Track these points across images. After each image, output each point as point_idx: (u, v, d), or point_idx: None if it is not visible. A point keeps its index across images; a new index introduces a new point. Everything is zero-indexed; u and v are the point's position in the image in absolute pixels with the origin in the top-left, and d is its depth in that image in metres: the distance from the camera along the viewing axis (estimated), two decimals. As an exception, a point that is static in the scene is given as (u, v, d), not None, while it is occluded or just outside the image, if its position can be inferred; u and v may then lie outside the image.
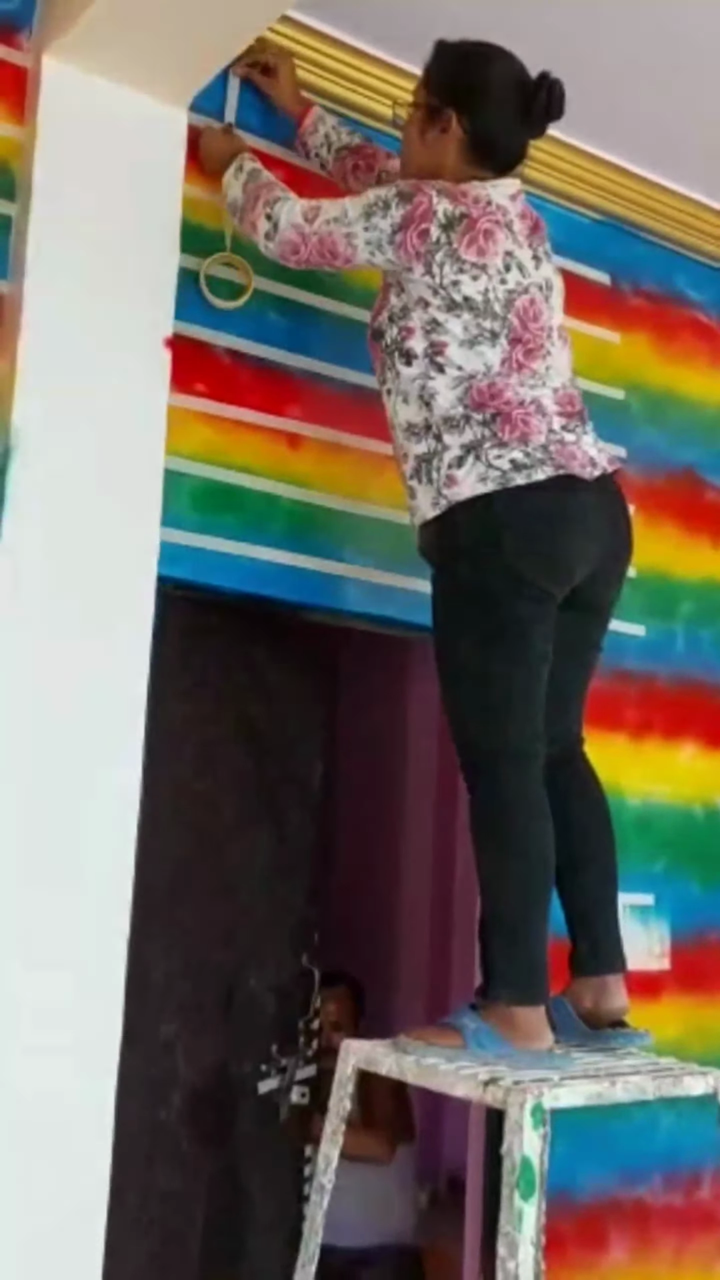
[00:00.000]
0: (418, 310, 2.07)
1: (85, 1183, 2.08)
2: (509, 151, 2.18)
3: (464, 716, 2.03)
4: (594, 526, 2.06)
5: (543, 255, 2.17)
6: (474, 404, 2.03)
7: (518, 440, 2.01)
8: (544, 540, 2.01)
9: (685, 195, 3.11)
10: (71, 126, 2.24)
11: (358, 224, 2.07)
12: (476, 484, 2.00)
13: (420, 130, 2.19)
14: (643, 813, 2.95)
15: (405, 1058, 1.96)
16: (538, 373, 2.08)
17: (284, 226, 2.14)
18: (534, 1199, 1.75)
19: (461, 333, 2.04)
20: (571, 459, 2.03)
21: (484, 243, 2.05)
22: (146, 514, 2.26)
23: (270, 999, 2.66)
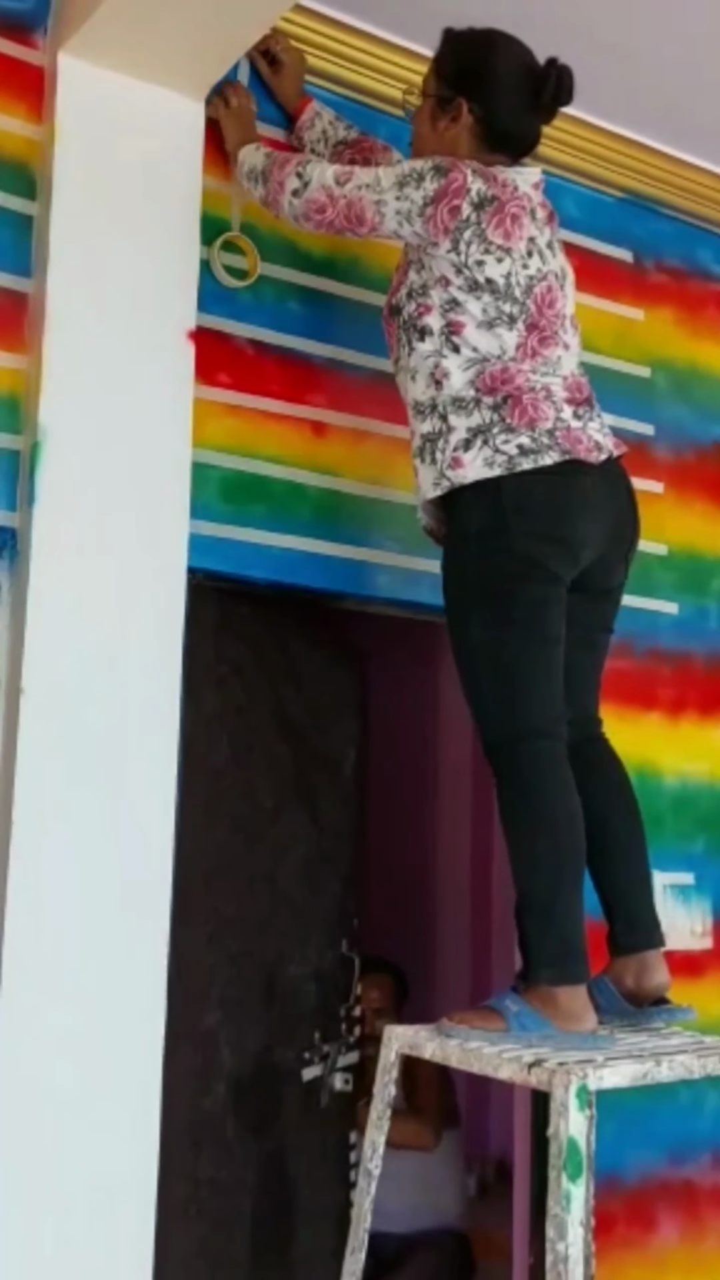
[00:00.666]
0: (437, 288, 2.07)
1: (133, 1172, 2.10)
2: (520, 138, 2.19)
3: (483, 700, 2.03)
4: (600, 510, 2.06)
5: (557, 244, 2.18)
6: (485, 388, 2.03)
7: (525, 425, 2.01)
8: (551, 523, 2.01)
9: (706, 169, 3.09)
10: (89, 123, 2.25)
11: (390, 192, 2.07)
12: (483, 468, 2.00)
13: (431, 119, 2.20)
14: (680, 792, 2.94)
15: (449, 1042, 1.96)
16: (549, 360, 2.08)
17: (314, 185, 2.14)
18: (582, 1180, 1.75)
19: (480, 314, 2.04)
20: (577, 444, 2.03)
21: (510, 226, 2.05)
22: (175, 506, 2.27)
23: (311, 986, 2.67)
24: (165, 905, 2.18)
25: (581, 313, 2.35)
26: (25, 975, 2.05)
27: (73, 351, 2.19)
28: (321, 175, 2.14)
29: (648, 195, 3.06)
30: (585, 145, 2.91)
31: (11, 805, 2.08)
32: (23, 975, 2.05)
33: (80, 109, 2.24)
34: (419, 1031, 2.04)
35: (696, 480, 3.08)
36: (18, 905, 2.06)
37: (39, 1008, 2.05)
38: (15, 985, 2.04)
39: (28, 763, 2.09)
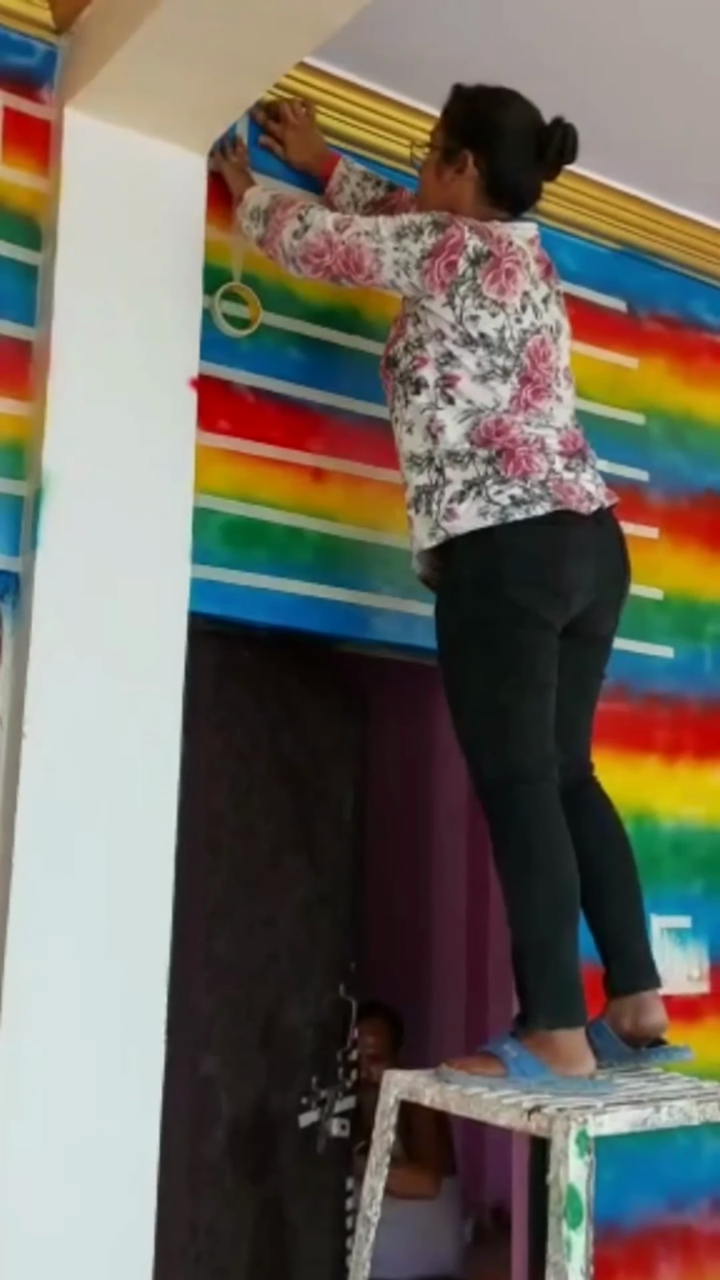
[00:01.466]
0: (433, 342, 2.11)
1: (131, 1217, 2.09)
2: (524, 192, 2.24)
3: (476, 745, 2.05)
4: (591, 558, 2.10)
5: (553, 297, 2.22)
6: (480, 440, 2.07)
7: (519, 477, 2.05)
8: (542, 571, 2.04)
9: (699, 222, 3.14)
10: (94, 175, 2.29)
11: (388, 242, 2.11)
12: (477, 518, 2.04)
13: (437, 171, 2.25)
14: (677, 835, 2.94)
15: (448, 1088, 1.96)
16: (543, 412, 2.12)
17: (314, 229, 2.17)
18: (582, 1227, 1.74)
19: (475, 367, 2.08)
20: (569, 494, 2.06)
21: (505, 281, 2.10)
22: (177, 551, 2.30)
23: (309, 1031, 2.66)
24: (165, 950, 2.18)
25: (576, 361, 2.39)
26: (24, 1021, 2.05)
27: (76, 398, 2.22)
28: (322, 221, 2.18)
29: (643, 247, 3.11)
30: (581, 199, 2.96)
31: (12, 849, 2.08)
32: (21, 1021, 2.04)
33: (85, 162, 2.28)
34: (418, 1077, 2.04)
35: (691, 526, 3.11)
36: (17, 950, 2.06)
37: (37, 1055, 2.05)
38: (14, 1031, 2.04)
39: (29, 806, 2.09)
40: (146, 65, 2.16)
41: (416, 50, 2.51)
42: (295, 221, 2.20)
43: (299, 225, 2.19)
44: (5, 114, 2.29)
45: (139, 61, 2.14)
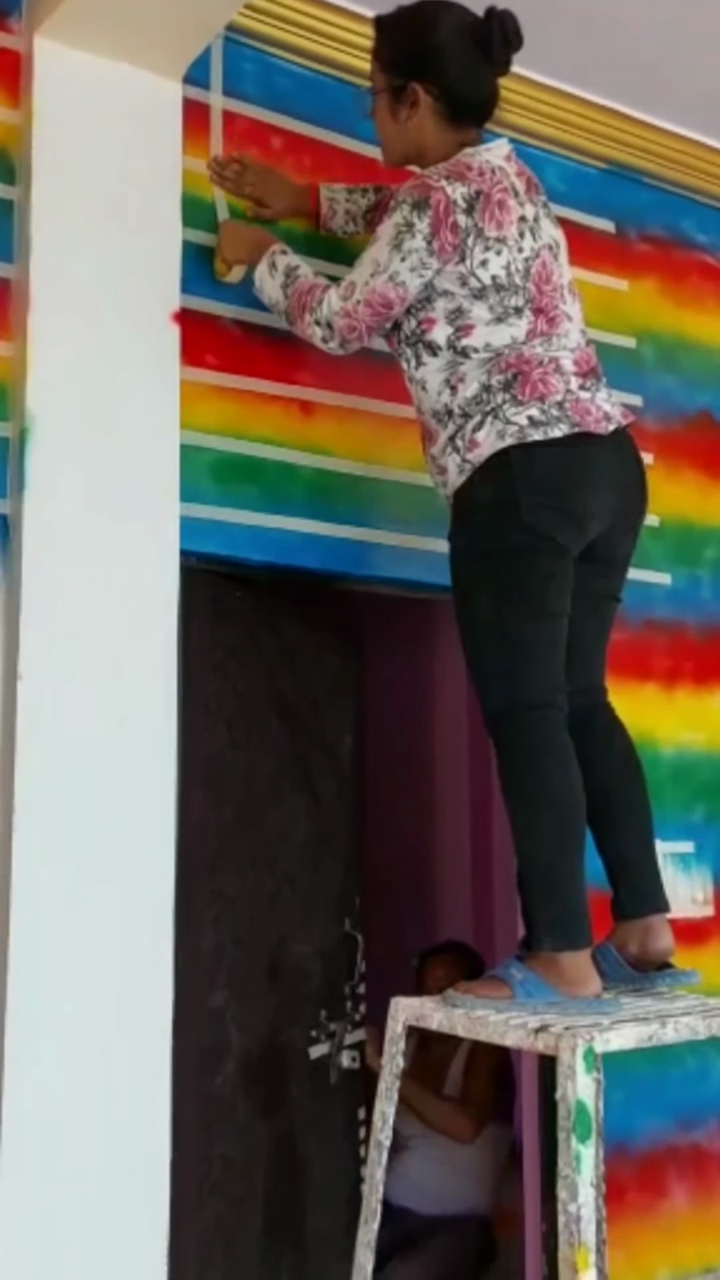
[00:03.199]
0: (441, 300, 2.06)
1: (148, 1151, 2.11)
2: (483, 100, 2.17)
3: (486, 672, 2.04)
4: (609, 480, 2.07)
5: (543, 212, 2.16)
6: (498, 372, 2.04)
7: (535, 399, 2.02)
8: (560, 496, 2.01)
9: (688, 138, 3.09)
10: (67, 106, 2.24)
11: (394, 262, 2.04)
12: (496, 441, 2.01)
13: (392, 115, 2.18)
14: (678, 761, 2.95)
15: (455, 1011, 1.97)
16: (558, 334, 2.09)
17: (336, 325, 2.12)
18: (591, 1141, 1.76)
19: (487, 313, 2.05)
20: (586, 415, 2.03)
21: (500, 214, 2.05)
22: (166, 489, 2.27)
23: (316, 966, 2.68)
24: (170, 886, 2.18)
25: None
26: (31, 963, 2.05)
27: (58, 336, 2.19)
28: (330, 307, 2.12)
29: (630, 165, 3.06)
30: (566, 117, 2.91)
31: (12, 791, 2.08)
32: (29, 963, 2.05)
33: (57, 92, 2.24)
34: (425, 1003, 2.05)
35: (686, 450, 3.08)
36: (21, 889, 2.06)
37: (46, 994, 2.06)
38: (22, 973, 2.04)
39: (27, 747, 2.09)
40: (116, -12, 2.11)
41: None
42: (317, 329, 2.14)
43: (323, 331, 2.14)
44: (-27, 44, 2.24)
45: (108, -16, 2.09)
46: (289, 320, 2.23)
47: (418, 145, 2.16)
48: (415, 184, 2.06)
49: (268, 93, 2.55)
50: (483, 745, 4.11)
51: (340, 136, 2.58)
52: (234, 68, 2.50)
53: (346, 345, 2.16)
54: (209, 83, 2.46)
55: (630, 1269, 2.66)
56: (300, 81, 2.59)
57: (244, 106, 2.51)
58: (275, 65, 2.57)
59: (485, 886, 4.22)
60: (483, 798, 4.16)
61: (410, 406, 2.20)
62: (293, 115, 2.57)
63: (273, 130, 2.55)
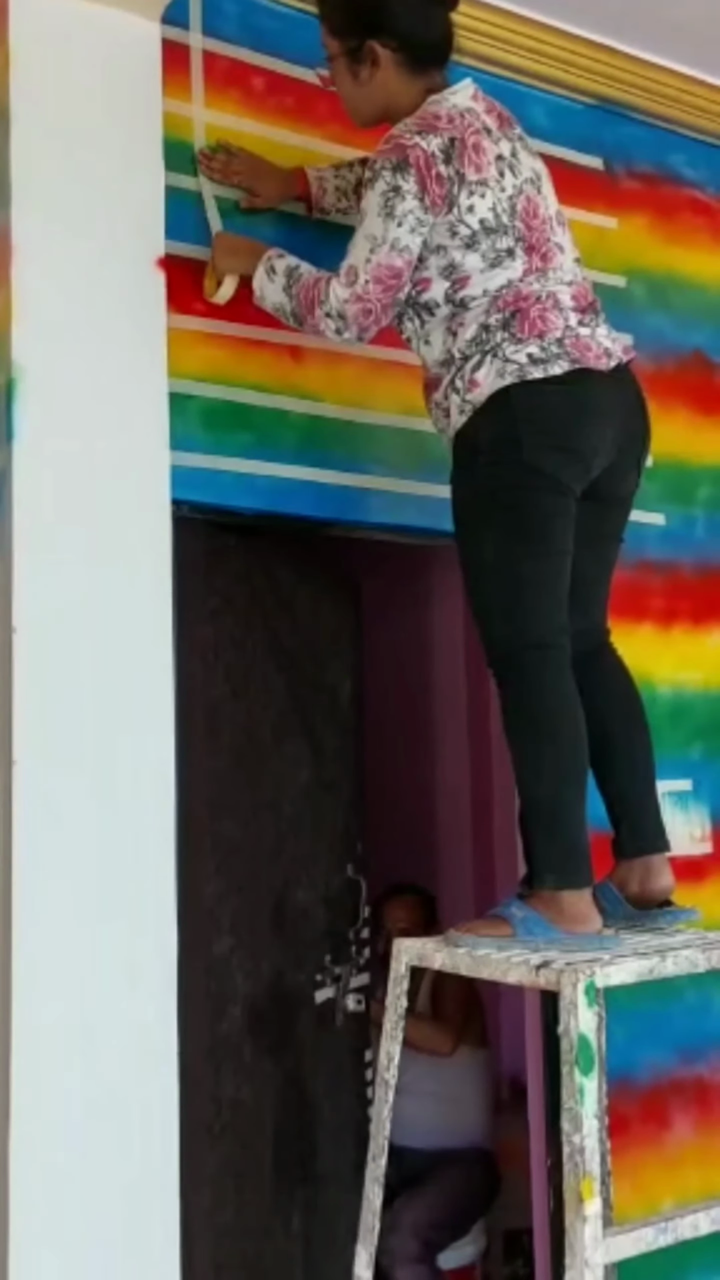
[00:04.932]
0: (433, 257, 2.04)
1: (155, 1094, 2.14)
2: (440, 41, 2.13)
3: (489, 612, 2.04)
4: (610, 417, 2.06)
5: (519, 146, 2.13)
6: (497, 308, 2.03)
7: (535, 336, 2.00)
8: (561, 434, 2.00)
9: (676, 70, 3.04)
10: (43, 49, 2.20)
11: (391, 229, 2.00)
12: (495, 380, 2.00)
13: (352, 76, 2.14)
14: (675, 700, 2.96)
15: (457, 951, 1.99)
16: (553, 269, 2.07)
17: (348, 313, 2.06)
18: (593, 1074, 1.78)
19: (480, 261, 2.03)
20: (586, 351, 2.02)
21: (478, 158, 2.02)
22: (155, 437, 2.26)
23: (319, 910, 2.71)
24: (170, 833, 2.19)
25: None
26: (35, 911, 2.07)
27: (42, 285, 2.16)
28: (336, 296, 2.06)
29: (618, 100, 3.01)
30: (551, 51, 2.86)
31: (11, 743, 2.08)
32: (33, 911, 2.06)
33: (33, 35, 2.19)
34: (427, 943, 2.07)
35: (678, 389, 3.06)
36: (22, 842, 2.07)
37: (51, 942, 2.07)
38: (26, 921, 2.06)
39: (24, 700, 2.09)
40: None
41: None
42: (328, 321, 2.08)
43: (336, 323, 2.07)
44: (-55, -13, 2.20)
45: None
46: (297, 320, 2.16)
47: (385, 101, 2.13)
48: (389, 147, 2.02)
49: (249, 33, 2.51)
50: (481, 689, 4.13)
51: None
52: (213, 7, 2.45)
53: (364, 332, 2.09)
54: (188, 23, 2.42)
55: (636, 1198, 2.70)
56: (282, 20, 2.54)
57: (225, 47, 2.46)
58: (255, 4, 2.51)
59: (485, 829, 4.25)
60: (481, 741, 4.18)
61: (400, 350, 2.18)
62: (275, 55, 2.53)
63: (254, 70, 2.51)
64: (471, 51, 2.74)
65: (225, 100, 2.46)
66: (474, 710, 4.21)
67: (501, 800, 3.98)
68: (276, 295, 2.18)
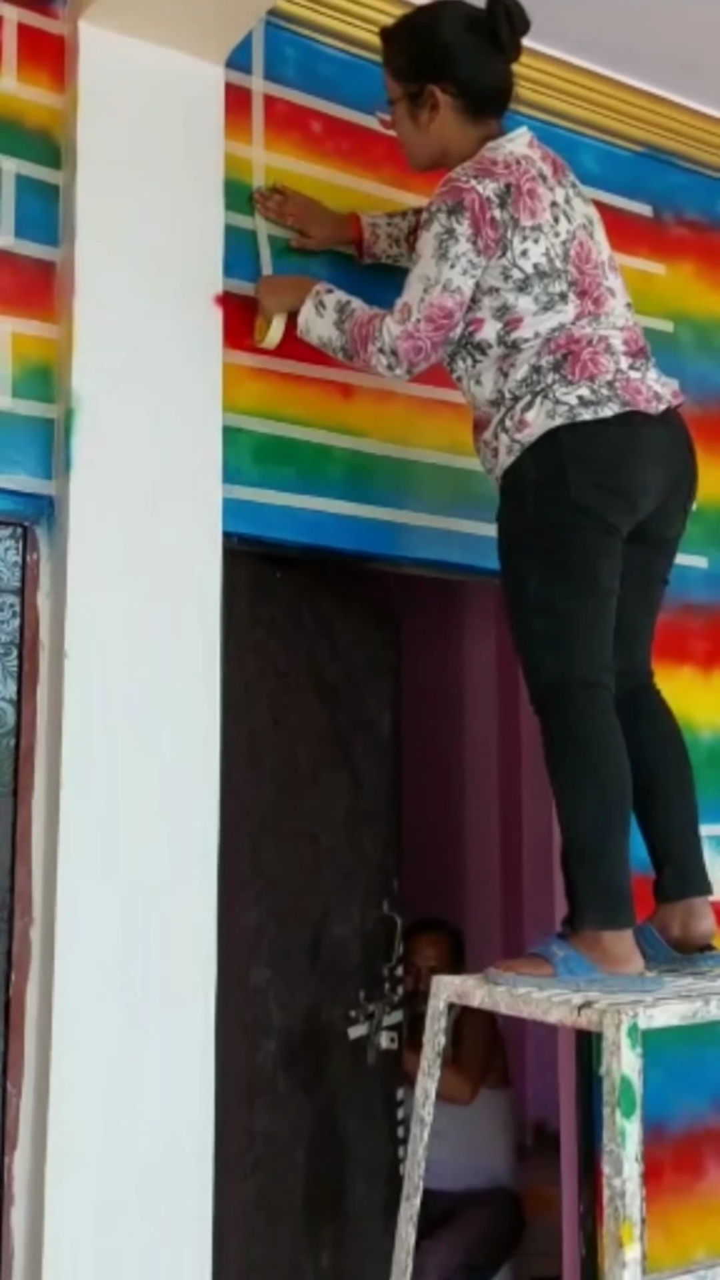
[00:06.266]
0: (486, 298, 2.06)
1: (192, 1123, 2.14)
2: (500, 90, 2.17)
3: (534, 650, 2.05)
4: (659, 460, 2.07)
5: (572, 192, 2.16)
6: (548, 353, 2.05)
7: (586, 379, 2.03)
8: (609, 474, 2.02)
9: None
10: (111, 90, 2.26)
11: (445, 270, 2.03)
12: (545, 421, 2.02)
13: (413, 120, 2.19)
14: (715, 743, 2.95)
15: (497, 989, 1.98)
16: (604, 313, 2.10)
17: (400, 350, 2.08)
18: (635, 1117, 1.77)
19: (533, 304, 2.05)
20: (636, 394, 2.04)
21: (533, 203, 2.05)
22: (208, 470, 2.29)
23: (355, 945, 2.70)
24: (213, 863, 2.21)
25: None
26: (79, 941, 2.08)
27: (103, 319, 2.21)
28: (390, 333, 2.07)
29: (665, 148, 3.05)
30: (601, 99, 2.91)
31: (60, 769, 2.10)
32: (77, 941, 2.08)
33: (101, 76, 2.25)
34: (467, 980, 2.06)
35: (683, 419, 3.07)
36: (68, 871, 2.09)
37: (94, 972, 2.09)
38: (71, 952, 2.07)
39: (74, 726, 2.12)
40: (159, -27, 2.12)
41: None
42: (381, 357, 2.10)
43: (388, 359, 2.09)
44: (20, 30, 2.27)
45: (151, -31, 2.11)
46: (348, 355, 2.17)
47: (442, 146, 2.17)
48: (445, 190, 2.06)
49: (308, 77, 2.56)
50: (513, 726, 4.13)
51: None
52: (275, 52, 2.52)
53: (413, 368, 2.12)
54: (250, 67, 2.47)
55: (668, 1248, 2.66)
56: (340, 66, 2.60)
57: (285, 91, 2.52)
58: (316, 50, 2.58)
59: (514, 866, 4.23)
60: (512, 778, 4.17)
61: (446, 389, 2.20)
62: (333, 99, 2.58)
63: (313, 114, 2.56)
64: (524, 99, 2.79)
65: (284, 142, 2.52)
66: (505, 746, 4.21)
67: (531, 838, 3.97)
68: (325, 329, 2.20)
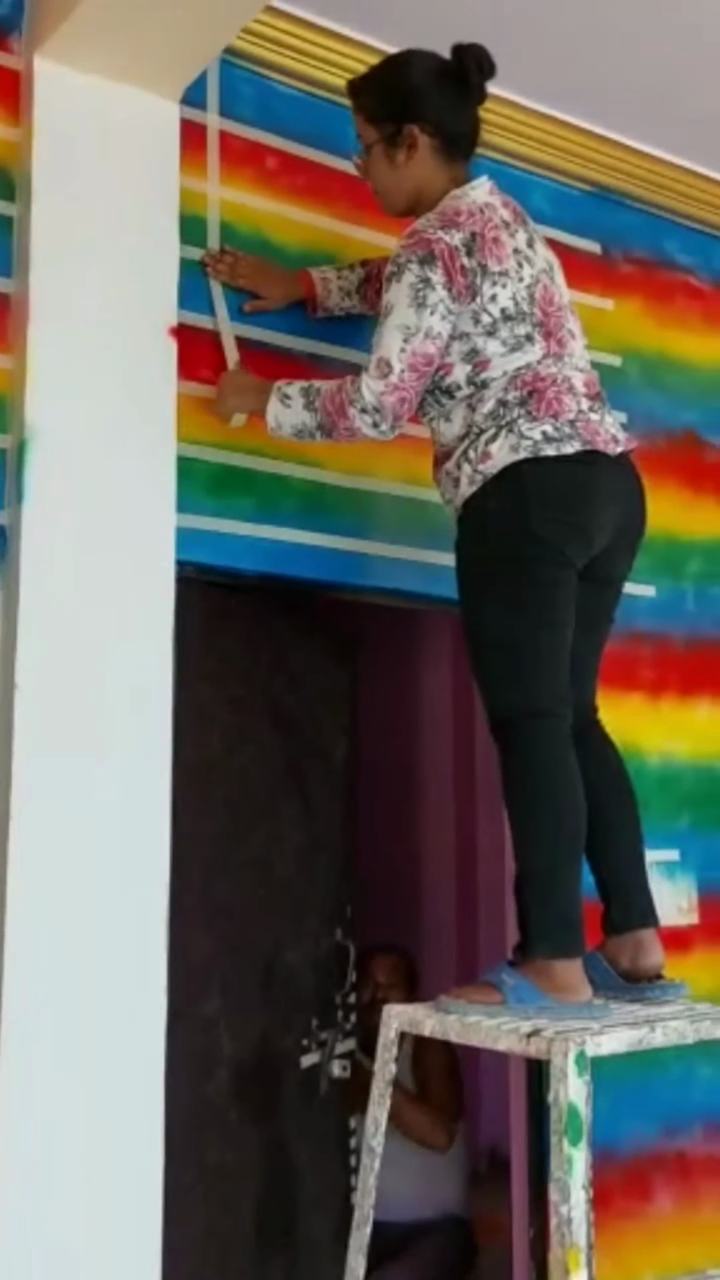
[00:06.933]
0: (456, 343, 2.09)
1: (141, 1155, 2.13)
2: (470, 134, 2.23)
3: (492, 680, 2.08)
4: (613, 500, 2.12)
5: (534, 239, 2.21)
6: (514, 389, 2.09)
7: (549, 416, 2.07)
8: (568, 509, 2.06)
9: (671, 162, 3.15)
10: (66, 125, 2.27)
11: (425, 318, 2.05)
12: (509, 454, 2.05)
13: (389, 161, 2.22)
14: (663, 771, 2.99)
15: (447, 1017, 2.00)
16: (567, 354, 2.15)
17: (385, 404, 2.07)
18: (582, 1145, 1.79)
19: (501, 347, 2.09)
20: (596, 435, 2.09)
21: (498, 250, 2.10)
22: (162, 500, 2.30)
23: (308, 974, 2.70)
24: (164, 893, 2.20)
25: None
26: (27, 971, 2.07)
27: (57, 350, 2.22)
28: (370, 389, 2.07)
29: (614, 188, 3.11)
30: (554, 140, 2.97)
31: (9, 801, 2.10)
32: (24, 971, 2.07)
33: (57, 111, 2.27)
34: (418, 1009, 2.08)
35: (670, 466, 3.13)
36: (18, 900, 2.08)
37: (42, 1002, 2.07)
38: (18, 982, 2.06)
39: (24, 757, 2.11)
40: (115, 10, 2.14)
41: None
42: (363, 417, 2.08)
43: (371, 417, 2.08)
44: (-26, 64, 2.27)
45: (107, 7, 2.12)
46: (325, 432, 2.15)
47: (418, 187, 2.21)
48: (413, 242, 2.08)
49: (264, 114, 2.60)
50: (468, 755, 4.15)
51: (335, 158, 2.62)
52: (231, 89, 2.54)
53: (399, 422, 2.11)
54: (206, 104, 2.50)
55: (616, 1273, 2.69)
56: (296, 104, 2.64)
57: (241, 128, 2.55)
58: (271, 88, 2.61)
59: (469, 893, 4.25)
60: (467, 807, 4.19)
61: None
62: (288, 136, 2.62)
63: (269, 151, 2.59)
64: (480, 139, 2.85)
65: (240, 178, 2.55)
66: (461, 775, 4.23)
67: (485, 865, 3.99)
68: (296, 416, 2.17)
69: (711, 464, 3.25)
